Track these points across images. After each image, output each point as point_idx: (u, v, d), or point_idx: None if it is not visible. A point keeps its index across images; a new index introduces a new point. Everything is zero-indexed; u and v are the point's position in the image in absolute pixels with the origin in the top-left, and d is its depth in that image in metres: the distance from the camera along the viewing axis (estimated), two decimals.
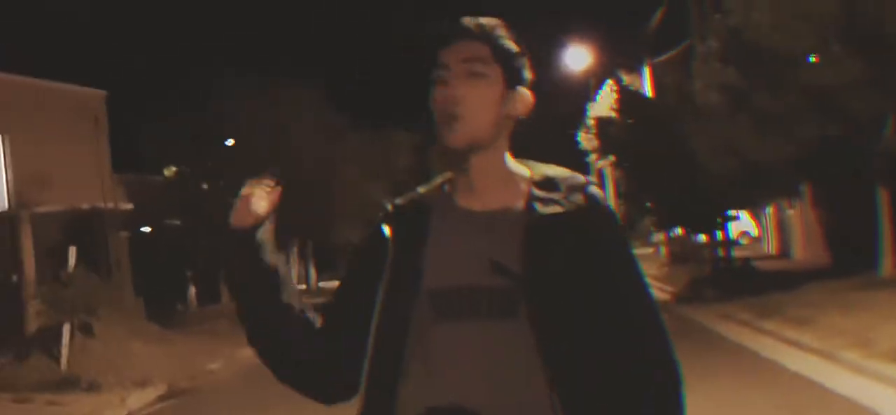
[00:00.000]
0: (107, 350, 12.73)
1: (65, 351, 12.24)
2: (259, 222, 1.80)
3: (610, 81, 24.69)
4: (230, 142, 26.48)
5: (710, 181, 16.80)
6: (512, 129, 1.78)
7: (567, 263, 1.68)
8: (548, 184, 1.76)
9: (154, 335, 15.39)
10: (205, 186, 26.44)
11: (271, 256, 1.79)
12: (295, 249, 31.07)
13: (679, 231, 24.74)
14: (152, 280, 23.29)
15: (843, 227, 17.60)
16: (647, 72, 26.04)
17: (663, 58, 25.46)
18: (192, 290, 26.71)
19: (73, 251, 12.75)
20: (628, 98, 21.52)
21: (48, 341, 12.77)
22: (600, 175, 35.04)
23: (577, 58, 35.42)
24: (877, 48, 12.50)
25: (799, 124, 13.53)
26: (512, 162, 1.80)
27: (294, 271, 32.83)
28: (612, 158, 22.25)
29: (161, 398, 11.63)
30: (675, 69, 23.04)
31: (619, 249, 1.78)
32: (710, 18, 17.53)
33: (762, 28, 12.99)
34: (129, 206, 24.16)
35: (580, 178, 1.80)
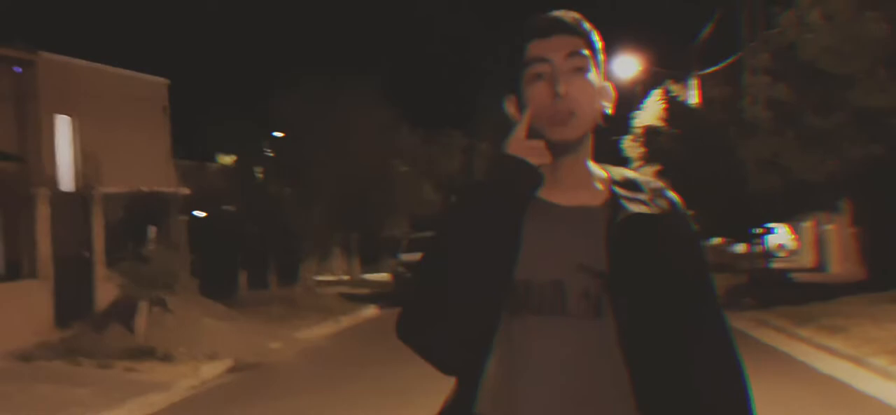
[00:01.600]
0: (179, 324, 13.59)
1: (141, 323, 13.13)
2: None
3: (657, 91, 25.22)
4: (279, 134, 27.35)
5: (754, 194, 17.32)
6: (596, 124, 1.79)
7: (654, 264, 1.70)
8: (631, 185, 1.78)
9: (218, 313, 16.25)
10: (259, 176, 27.36)
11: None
12: (337, 243, 31.84)
13: (718, 240, 25.24)
14: (205, 263, 24.21)
15: (879, 243, 18.06)
16: (695, 83, 26.55)
17: (712, 70, 25.91)
18: (243, 274, 27.64)
19: (153, 231, 13.63)
20: (676, 108, 22.09)
21: (123, 313, 13.66)
22: None
23: (626, 66, 35.93)
24: None
25: (845, 143, 14.04)
26: (590, 162, 1.80)
27: (337, 263, 33.72)
28: (657, 166, 22.78)
29: (230, 371, 12.46)
30: (723, 82, 23.56)
31: (699, 256, 1.81)
32: (761, 34, 18.07)
33: (814, 48, 13.53)
34: (187, 190, 25.11)
35: (659, 182, 1.83)
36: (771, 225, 22.19)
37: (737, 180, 17.49)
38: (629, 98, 37.45)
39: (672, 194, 1.80)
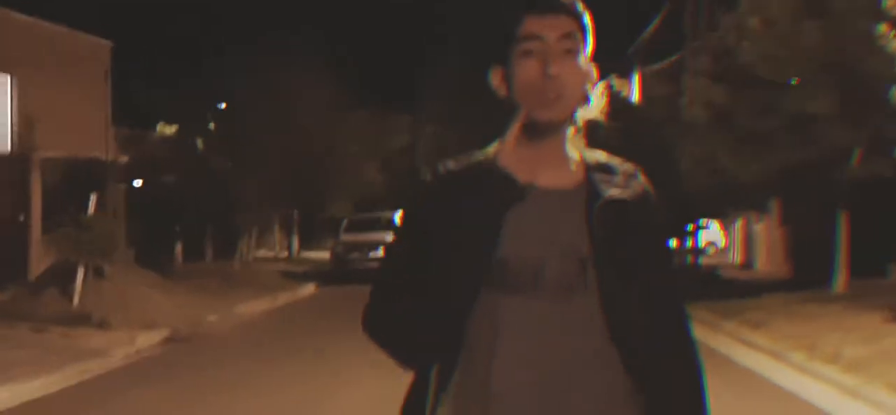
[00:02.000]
0: (116, 292, 13.59)
1: (78, 290, 13.10)
2: None
3: (600, 85, 25.66)
4: (222, 105, 27.18)
5: (688, 191, 17.82)
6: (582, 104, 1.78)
7: (632, 245, 1.72)
8: (605, 168, 1.79)
9: (155, 283, 16.25)
10: (199, 146, 27.16)
11: None
12: (277, 219, 31.77)
13: None
14: (143, 233, 23.99)
15: (804, 243, 18.73)
16: (637, 80, 27.08)
17: (654, 68, 26.45)
18: (180, 246, 27.47)
19: (94, 198, 13.58)
20: (617, 103, 22.51)
21: (60, 279, 13.61)
22: None
23: None
24: (852, 84, 13.56)
25: (778, 146, 14.55)
26: (568, 143, 1.80)
27: (275, 240, 33.67)
28: None
29: (166, 341, 12.51)
30: (665, 80, 24.09)
31: (665, 238, 1.89)
32: (703, 36, 18.56)
33: (752, 54, 14.00)
34: (125, 158, 24.81)
35: (630, 166, 1.84)
36: (703, 222, 22.83)
37: (673, 177, 17.95)
38: None
39: (642, 178, 1.82)
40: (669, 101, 21.55)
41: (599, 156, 1.83)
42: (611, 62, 29.18)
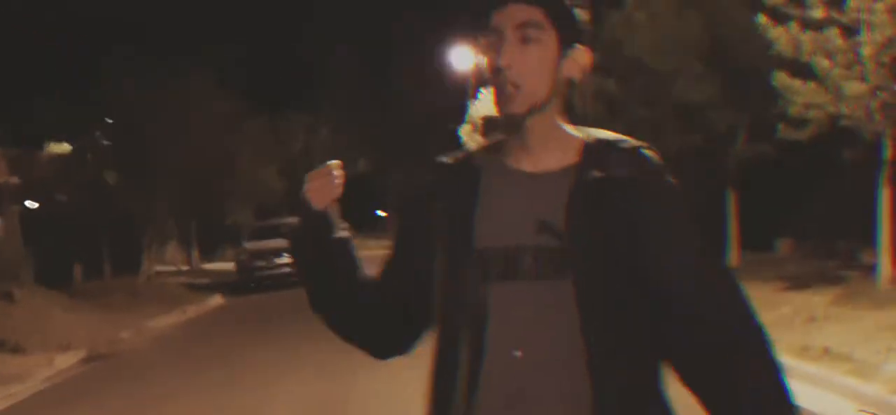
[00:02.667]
0: (26, 315, 13.42)
1: None
2: (333, 202, 1.85)
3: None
4: (111, 121, 26.73)
5: None
6: (566, 89, 1.74)
7: (610, 228, 1.65)
8: (600, 147, 1.73)
9: (64, 303, 16.02)
10: (93, 164, 26.64)
11: (340, 231, 1.85)
12: (175, 232, 31.41)
13: None
14: (39, 254, 23.45)
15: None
16: None
17: None
18: (78, 265, 26.89)
19: (0, 222, 13.35)
20: None
21: None
22: None
23: (463, 56, 36.98)
24: (733, 71, 14.46)
25: (667, 133, 15.35)
26: (565, 124, 1.76)
27: (172, 254, 33.24)
28: None
29: (84, 361, 12.44)
30: None
31: (674, 218, 1.73)
32: (593, 32, 19.31)
33: (639, 47, 14.77)
34: (16, 179, 24.21)
35: (634, 142, 1.75)
36: None
37: None
38: (467, 86, 38.67)
39: (648, 153, 1.74)
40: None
41: (602, 135, 1.77)
42: None
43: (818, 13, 10.82)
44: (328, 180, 1.83)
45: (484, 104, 27.62)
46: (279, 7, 46.60)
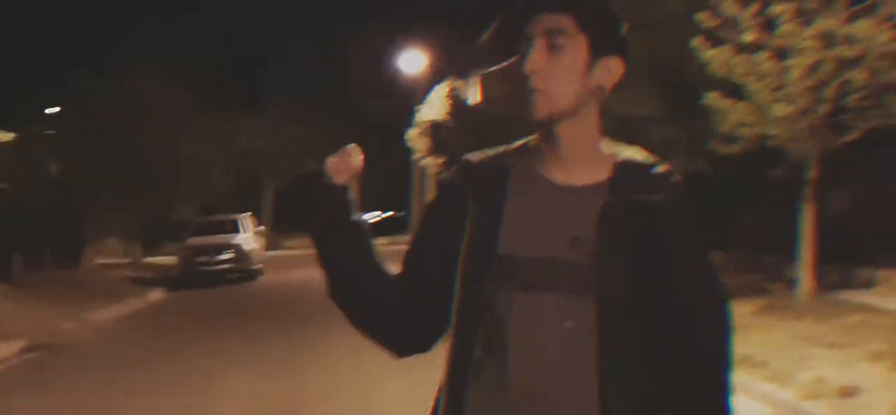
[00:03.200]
0: None
1: None
2: (351, 180, 1.81)
3: (444, 86, 26.64)
4: (56, 111, 26.57)
5: None
6: (601, 100, 1.75)
7: (639, 251, 1.66)
8: (632, 168, 1.74)
9: (4, 294, 15.95)
10: (37, 155, 26.42)
11: (356, 211, 1.80)
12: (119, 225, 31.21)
13: None
14: None
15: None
16: (477, 81, 28.18)
17: (494, 69, 27.59)
18: (17, 256, 26.57)
19: None
20: (460, 105, 23.54)
21: None
22: (422, 174, 37.12)
23: (412, 61, 37.27)
24: (675, 88, 15.00)
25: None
26: (601, 139, 1.77)
27: (118, 245, 32.97)
28: (442, 159, 24.09)
29: (24, 351, 12.47)
30: (503, 81, 25.25)
31: (697, 245, 1.76)
32: None
33: None
34: None
35: (664, 166, 1.76)
36: None
37: None
38: (414, 91, 38.97)
39: (677, 179, 1.76)
40: (510, 101, 22.72)
41: (634, 153, 1.79)
42: (452, 64, 30.34)
43: (750, 37, 11.36)
44: (349, 158, 1.80)
45: (432, 108, 28.04)
46: (229, 3, 46.41)
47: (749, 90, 11.47)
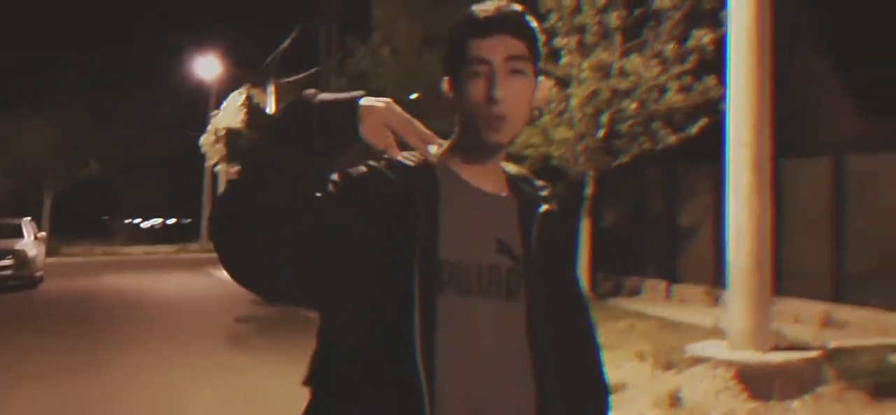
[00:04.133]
0: None
1: None
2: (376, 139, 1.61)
3: (240, 93, 26.55)
4: None
5: None
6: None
7: (554, 254, 1.79)
8: (523, 181, 1.83)
9: None
10: None
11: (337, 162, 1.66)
12: None
13: None
14: None
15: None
16: (273, 91, 28.31)
17: (290, 79, 27.81)
18: None
19: None
20: (256, 112, 23.59)
21: None
22: (213, 179, 36.66)
23: (208, 66, 36.77)
24: None
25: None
26: None
27: None
28: (238, 166, 24.02)
29: None
30: (299, 91, 25.54)
31: (574, 251, 1.99)
32: (338, 59, 20.29)
33: (384, 79, 15.91)
34: None
35: (543, 182, 1.87)
36: None
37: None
38: (209, 98, 38.37)
39: (549, 192, 1.87)
40: None
41: (513, 168, 1.85)
42: (248, 73, 30.28)
43: None
44: (396, 126, 1.61)
45: (226, 115, 27.79)
46: (8, 4, 43.95)
47: (535, 115, 12.48)
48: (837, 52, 14.53)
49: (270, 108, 27.40)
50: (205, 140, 28.52)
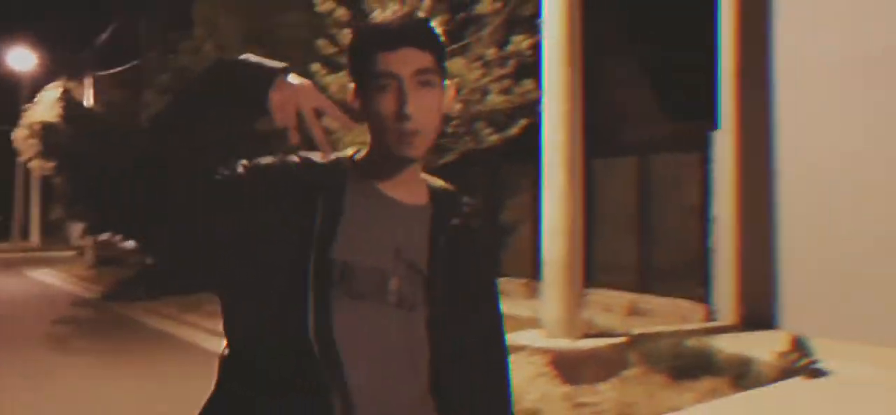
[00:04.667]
0: None
1: None
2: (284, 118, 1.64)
3: (57, 87, 25.39)
4: None
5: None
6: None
7: (463, 271, 1.78)
8: (446, 194, 1.84)
9: None
10: None
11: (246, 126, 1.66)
12: None
13: (107, 235, 26.20)
14: None
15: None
16: (90, 83, 27.23)
17: (109, 72, 26.86)
18: None
19: None
20: (73, 107, 22.64)
21: None
22: (27, 176, 34.88)
23: (21, 59, 34.88)
24: None
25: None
26: None
27: None
28: (53, 162, 23.00)
29: None
30: (120, 85, 24.72)
31: (493, 267, 1.96)
32: (160, 53, 19.79)
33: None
34: None
35: (467, 197, 1.88)
36: None
37: (131, 179, 18.74)
38: (21, 91, 36.38)
39: (473, 207, 1.87)
40: (126, 106, 22.36)
41: (439, 182, 1.87)
42: (63, 65, 28.97)
43: None
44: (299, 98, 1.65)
45: (41, 109, 26.50)
46: None
47: None
48: (643, 57, 15.50)
49: (88, 101, 26.37)
50: (17, 135, 27.12)
